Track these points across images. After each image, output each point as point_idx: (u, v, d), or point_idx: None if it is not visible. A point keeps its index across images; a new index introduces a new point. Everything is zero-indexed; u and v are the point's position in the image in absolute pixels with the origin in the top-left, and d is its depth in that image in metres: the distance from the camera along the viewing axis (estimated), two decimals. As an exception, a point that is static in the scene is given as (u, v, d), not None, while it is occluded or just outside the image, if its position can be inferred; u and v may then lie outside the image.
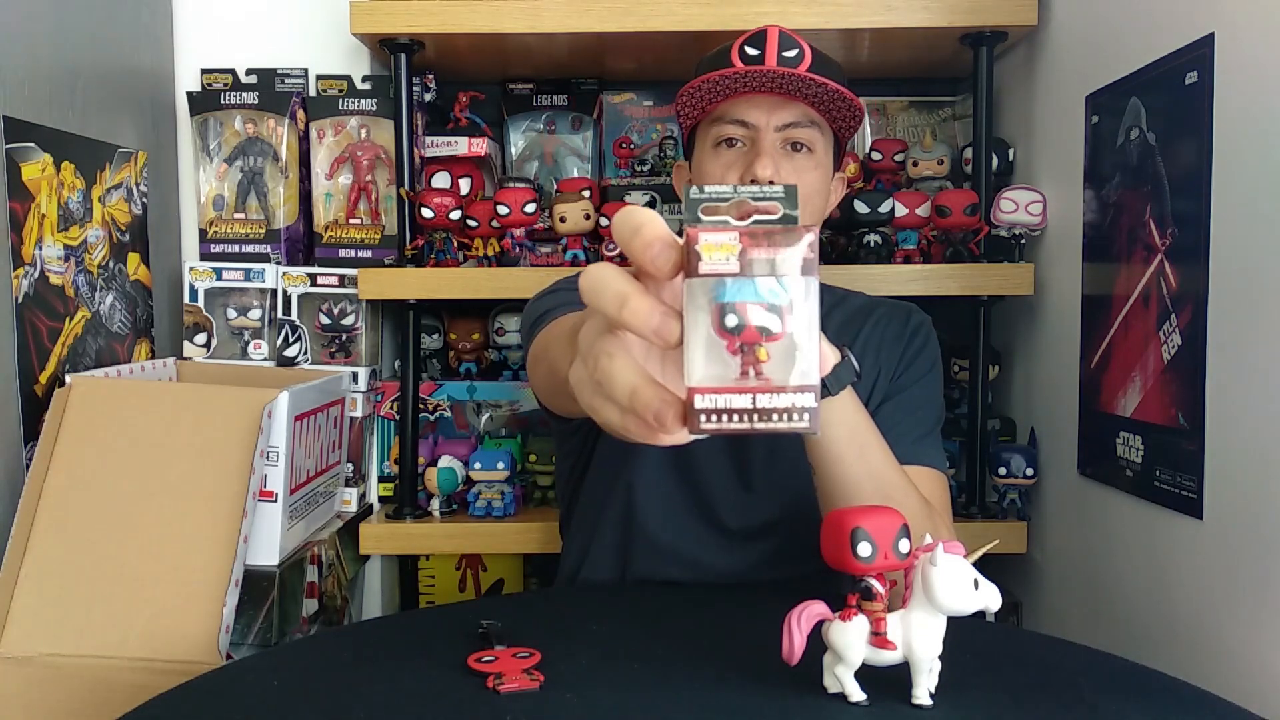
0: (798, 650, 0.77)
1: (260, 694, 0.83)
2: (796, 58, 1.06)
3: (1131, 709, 0.80)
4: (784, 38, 1.07)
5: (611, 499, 1.17)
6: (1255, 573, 0.99)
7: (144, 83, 1.53)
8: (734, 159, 1.09)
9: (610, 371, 0.46)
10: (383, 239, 1.58)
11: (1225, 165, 1.04)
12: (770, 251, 0.43)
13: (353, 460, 1.56)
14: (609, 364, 0.47)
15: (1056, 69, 1.46)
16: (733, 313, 0.43)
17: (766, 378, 0.43)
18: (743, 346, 0.43)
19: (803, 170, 1.08)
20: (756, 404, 0.43)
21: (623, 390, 0.46)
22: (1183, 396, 1.10)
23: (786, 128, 1.07)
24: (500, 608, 0.99)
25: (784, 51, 1.06)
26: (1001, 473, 1.49)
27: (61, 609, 1.11)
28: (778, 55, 1.05)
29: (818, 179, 1.10)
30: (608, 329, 0.48)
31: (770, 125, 1.07)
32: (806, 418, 0.44)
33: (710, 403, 0.43)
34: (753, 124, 1.07)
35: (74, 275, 1.32)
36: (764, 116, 1.07)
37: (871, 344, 1.17)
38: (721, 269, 0.43)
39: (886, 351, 1.17)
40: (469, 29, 1.45)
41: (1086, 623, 1.36)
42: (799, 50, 1.07)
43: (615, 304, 0.45)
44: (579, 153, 1.75)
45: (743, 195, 0.46)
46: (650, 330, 0.44)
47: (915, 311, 1.22)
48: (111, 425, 1.19)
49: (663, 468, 1.15)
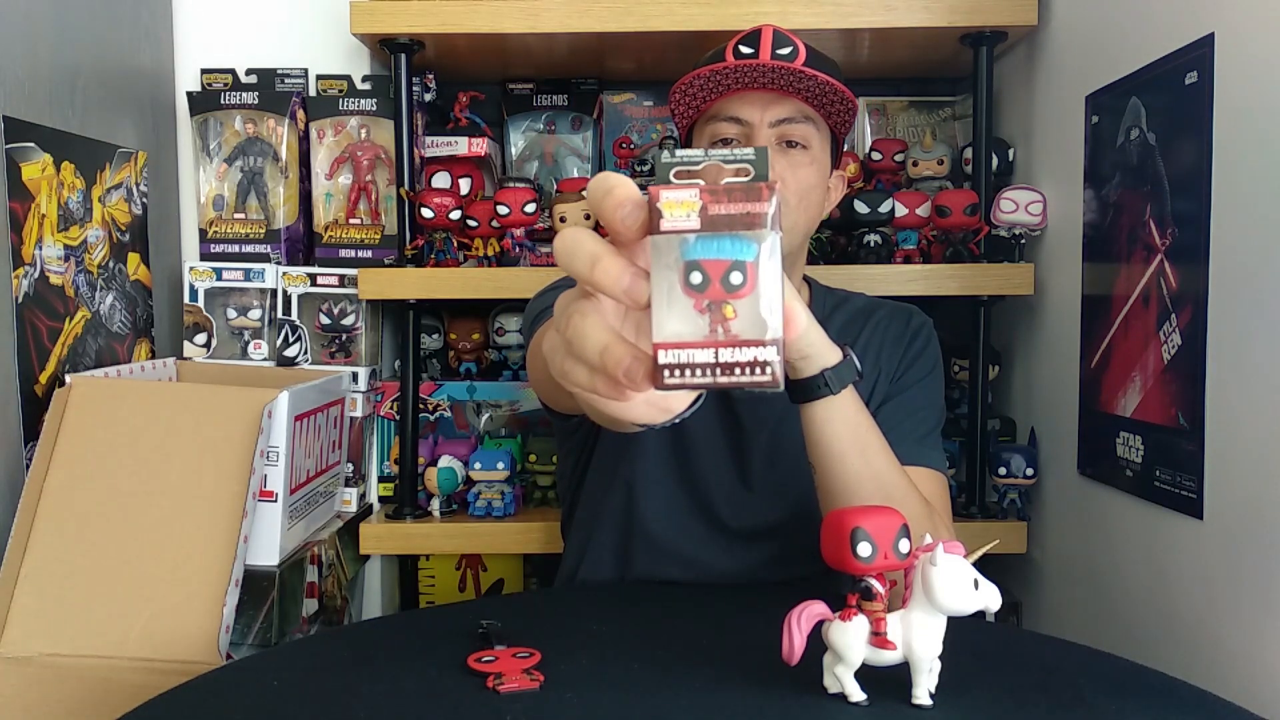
0: (798, 650, 0.77)
1: (260, 694, 0.83)
2: (791, 55, 1.06)
3: (1131, 709, 0.80)
4: (778, 36, 1.07)
5: (611, 498, 1.17)
6: (1255, 573, 0.99)
7: (144, 83, 1.53)
8: None
9: (582, 329, 0.47)
10: (383, 239, 1.58)
11: (1225, 165, 1.04)
12: (732, 208, 0.44)
13: (353, 460, 1.56)
14: (580, 321, 0.47)
15: (1056, 69, 1.46)
16: (697, 269, 0.44)
17: (735, 334, 0.44)
18: (710, 304, 0.44)
19: (798, 166, 1.08)
20: (719, 358, 0.44)
21: (594, 347, 0.46)
22: (1183, 396, 1.10)
23: (781, 124, 1.07)
24: (500, 608, 0.99)
25: (778, 49, 1.06)
26: (1001, 473, 1.49)
27: (61, 609, 1.11)
28: (772, 53, 1.05)
29: (813, 174, 1.09)
30: (582, 294, 0.49)
31: (764, 121, 1.06)
32: (770, 370, 0.44)
33: (674, 358, 0.44)
34: (746, 120, 1.07)
35: (74, 275, 1.32)
36: (758, 113, 1.06)
37: (873, 345, 1.17)
38: (683, 225, 0.44)
39: (887, 353, 1.17)
40: (469, 29, 1.45)
41: (1086, 623, 1.36)
42: (793, 48, 1.07)
43: (587, 264, 0.46)
44: (579, 153, 1.75)
45: (714, 158, 0.46)
46: (621, 290, 0.45)
47: (916, 313, 1.22)
48: (111, 425, 1.19)
49: (663, 467, 1.15)
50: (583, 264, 0.46)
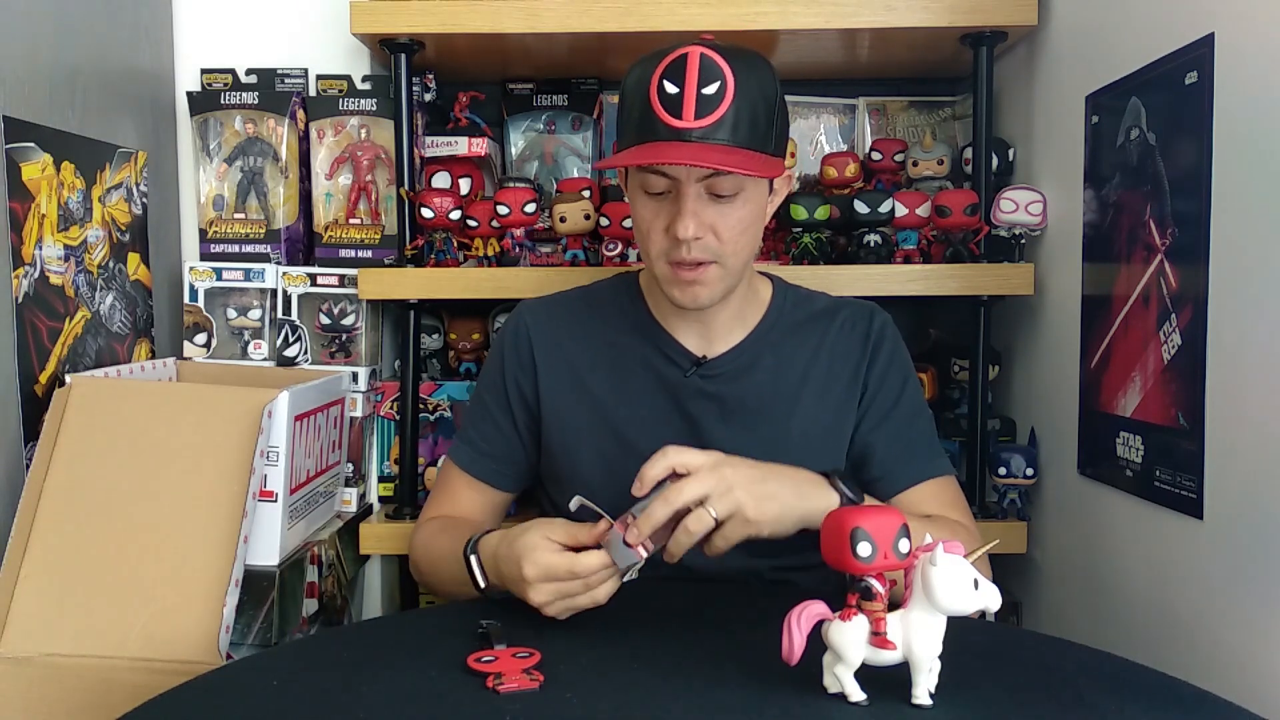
0: (798, 650, 0.77)
1: (260, 694, 0.83)
2: (717, 93, 1.02)
3: (1131, 709, 0.80)
4: (705, 68, 1.02)
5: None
6: (1255, 573, 0.99)
7: (144, 83, 1.53)
8: (660, 208, 1.08)
9: (597, 597, 0.95)
10: (383, 239, 1.58)
11: (1225, 165, 1.04)
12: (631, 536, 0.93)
13: (353, 460, 1.56)
14: (593, 596, 0.95)
15: (1056, 69, 1.46)
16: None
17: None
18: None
19: (726, 215, 1.07)
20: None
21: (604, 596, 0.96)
22: (1183, 396, 1.10)
23: (708, 179, 1.06)
24: (500, 608, 0.99)
25: (703, 89, 1.02)
26: (1001, 473, 1.49)
27: (61, 609, 1.11)
28: (696, 95, 1.02)
29: (748, 214, 1.08)
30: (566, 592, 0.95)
31: (691, 178, 1.05)
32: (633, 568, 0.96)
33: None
34: (674, 176, 1.06)
35: (74, 275, 1.32)
36: (684, 171, 1.05)
37: (839, 351, 1.19)
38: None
39: (855, 358, 1.19)
40: (469, 29, 1.45)
41: (1086, 623, 1.36)
42: (720, 84, 1.02)
43: (587, 598, 0.95)
44: (579, 153, 1.75)
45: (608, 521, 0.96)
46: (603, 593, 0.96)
47: (878, 312, 1.22)
48: (111, 425, 1.19)
49: (605, 464, 1.17)
50: (584, 600, 0.95)
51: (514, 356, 1.22)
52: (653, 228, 1.09)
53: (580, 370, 1.20)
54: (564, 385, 1.20)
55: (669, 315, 1.19)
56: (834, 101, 1.77)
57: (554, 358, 1.21)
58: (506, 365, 1.22)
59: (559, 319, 1.23)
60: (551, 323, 1.23)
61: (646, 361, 1.19)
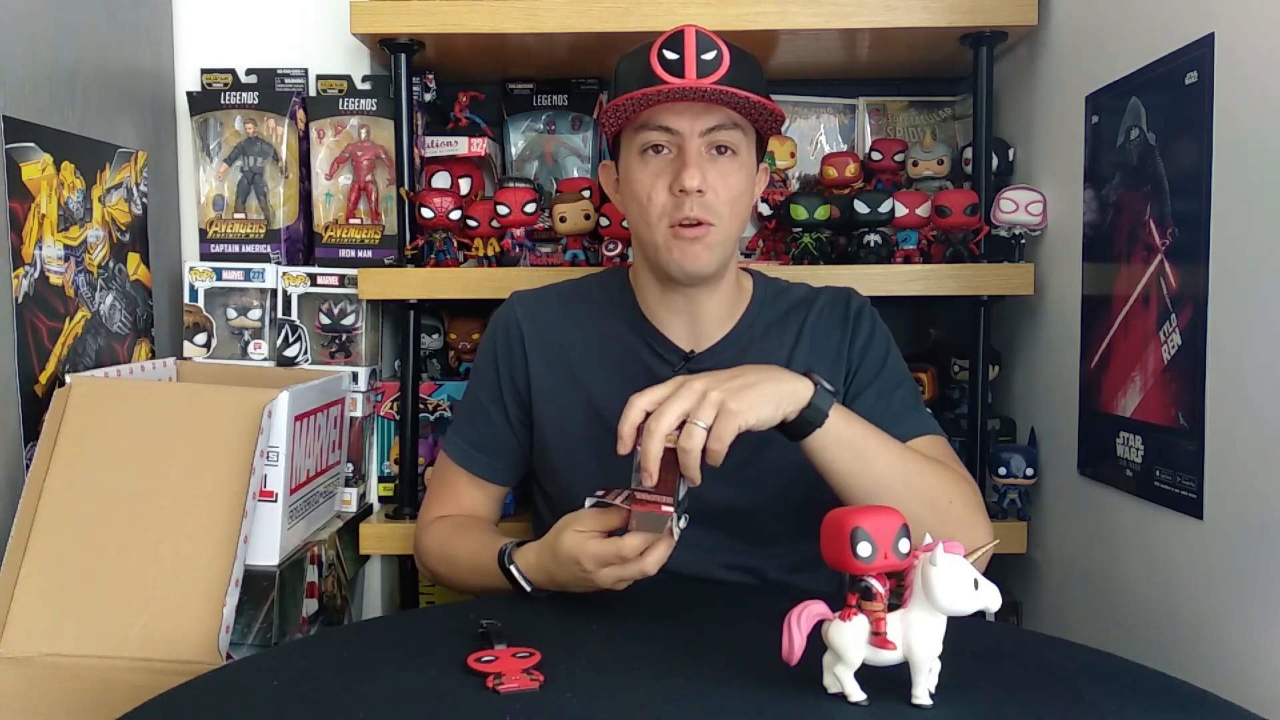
0: (797, 650, 0.77)
1: (260, 694, 0.83)
2: (715, 59, 1.07)
3: (1131, 709, 0.80)
4: (701, 39, 1.07)
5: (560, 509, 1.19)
6: (1255, 573, 0.99)
7: (144, 83, 1.53)
8: (662, 166, 1.10)
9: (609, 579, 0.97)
10: (383, 239, 1.58)
11: (1225, 165, 1.04)
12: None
13: (353, 460, 1.56)
14: (624, 569, 0.97)
15: (1056, 69, 1.46)
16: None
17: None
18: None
19: (728, 174, 1.10)
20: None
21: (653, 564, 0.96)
22: (1183, 396, 1.10)
23: (711, 132, 1.09)
24: (500, 608, 0.99)
25: (702, 55, 1.06)
26: (1001, 473, 1.49)
27: (61, 609, 1.11)
28: (696, 59, 1.06)
29: (742, 180, 1.12)
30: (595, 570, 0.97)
31: (695, 131, 1.08)
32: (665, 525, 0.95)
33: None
34: (678, 130, 1.09)
35: (74, 275, 1.32)
36: (688, 123, 1.08)
37: (821, 333, 1.20)
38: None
39: (836, 339, 1.20)
40: (469, 29, 1.45)
41: (1086, 623, 1.36)
42: (717, 52, 1.07)
43: (614, 578, 0.97)
44: (579, 153, 1.75)
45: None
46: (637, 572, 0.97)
47: (854, 295, 1.24)
48: (111, 425, 1.19)
49: (597, 456, 1.17)
50: (634, 571, 0.97)
51: (505, 348, 1.23)
52: (655, 187, 1.10)
53: (571, 361, 1.21)
54: (555, 376, 1.21)
55: (658, 310, 1.19)
56: (834, 101, 1.77)
57: (545, 349, 1.22)
58: (499, 356, 1.24)
59: (550, 310, 1.24)
60: (542, 314, 1.24)
61: (636, 355, 1.19)
